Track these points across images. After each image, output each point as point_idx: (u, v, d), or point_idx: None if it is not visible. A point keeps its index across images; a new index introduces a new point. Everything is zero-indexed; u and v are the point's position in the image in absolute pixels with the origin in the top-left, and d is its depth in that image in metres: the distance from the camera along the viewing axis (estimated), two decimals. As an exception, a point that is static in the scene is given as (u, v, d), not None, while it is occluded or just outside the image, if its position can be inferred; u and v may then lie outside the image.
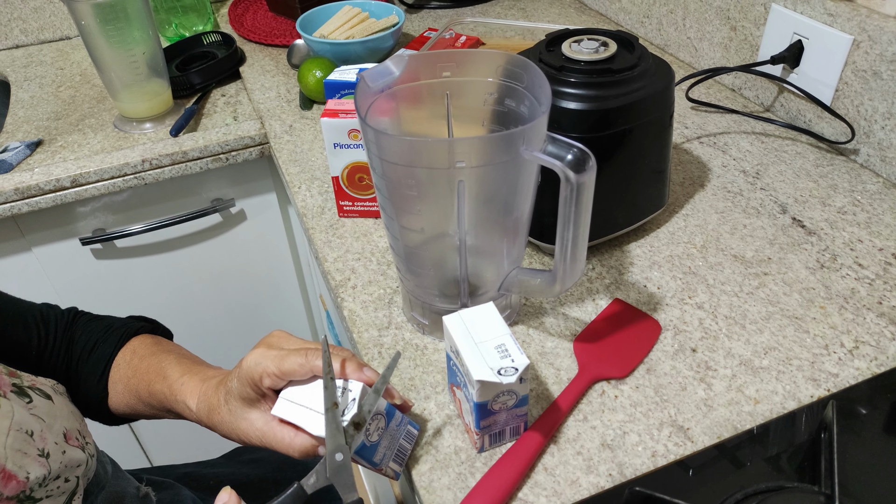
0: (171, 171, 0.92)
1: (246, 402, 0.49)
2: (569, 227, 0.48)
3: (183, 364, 0.57)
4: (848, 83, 0.76)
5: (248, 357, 0.48)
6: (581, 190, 0.46)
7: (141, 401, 0.58)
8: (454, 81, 0.57)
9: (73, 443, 0.52)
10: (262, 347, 0.49)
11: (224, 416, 0.51)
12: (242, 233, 1.05)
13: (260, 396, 0.49)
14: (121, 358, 0.60)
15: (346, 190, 0.72)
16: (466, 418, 0.50)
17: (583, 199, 0.46)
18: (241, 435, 0.50)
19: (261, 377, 0.47)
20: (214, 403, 0.52)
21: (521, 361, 0.46)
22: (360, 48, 0.98)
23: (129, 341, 0.61)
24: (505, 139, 0.45)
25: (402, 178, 0.48)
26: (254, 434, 0.49)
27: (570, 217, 0.47)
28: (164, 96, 0.99)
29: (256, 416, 0.49)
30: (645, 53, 0.63)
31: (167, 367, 0.56)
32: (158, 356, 0.58)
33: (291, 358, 0.47)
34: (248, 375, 0.48)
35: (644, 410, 0.53)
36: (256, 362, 0.47)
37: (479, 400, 0.46)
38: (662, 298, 0.62)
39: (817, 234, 0.68)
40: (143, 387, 0.57)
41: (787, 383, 0.54)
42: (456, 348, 0.47)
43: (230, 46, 1.12)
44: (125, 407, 0.60)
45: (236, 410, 0.50)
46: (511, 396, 0.47)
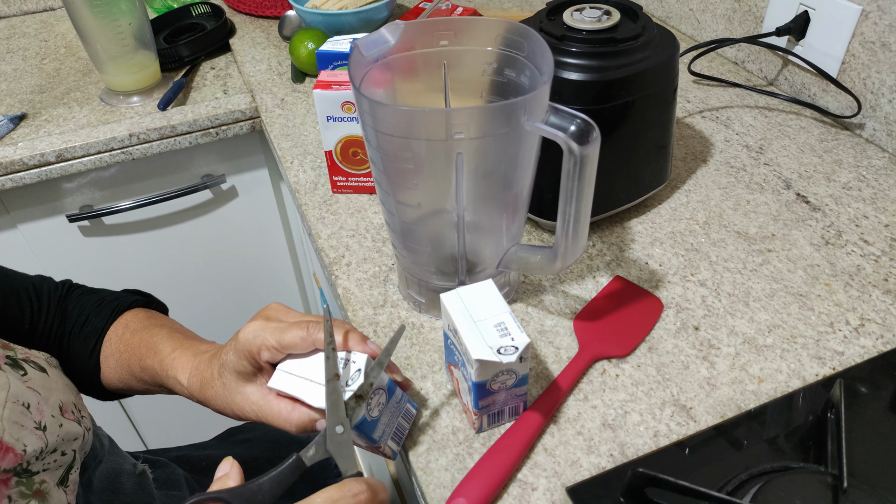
0: (159, 146, 0.89)
1: (241, 376, 0.48)
2: (571, 202, 0.46)
3: (174, 338, 0.55)
4: (855, 55, 0.74)
5: (245, 329, 0.46)
6: (584, 163, 0.44)
7: (133, 376, 0.57)
8: (452, 51, 0.54)
9: (70, 416, 0.51)
10: (260, 320, 0.47)
11: (218, 391, 0.49)
12: (234, 209, 1.03)
13: (256, 370, 0.47)
14: (112, 332, 0.58)
15: (339, 165, 0.70)
16: (464, 398, 0.49)
17: (586, 173, 0.45)
18: (236, 409, 0.49)
19: (259, 350, 0.45)
20: (207, 377, 0.50)
21: (521, 340, 0.44)
22: (354, 19, 0.96)
23: (122, 315, 0.59)
24: (505, 109, 0.43)
25: (398, 151, 0.46)
26: (249, 408, 0.48)
27: (572, 191, 0.46)
28: (151, 69, 0.96)
29: (252, 390, 0.48)
30: (649, 23, 0.61)
31: (158, 341, 0.55)
32: (150, 330, 0.57)
33: (292, 331, 0.45)
34: (245, 348, 0.46)
35: (646, 389, 0.52)
36: (255, 335, 0.45)
37: (478, 379, 0.44)
38: (664, 276, 0.61)
39: (822, 210, 0.67)
40: (134, 362, 0.56)
41: (792, 362, 0.53)
42: (454, 327, 0.46)
43: (219, 18, 1.09)
44: (118, 382, 0.58)
45: (231, 384, 0.48)
46: (510, 376, 0.46)
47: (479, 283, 0.48)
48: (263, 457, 0.84)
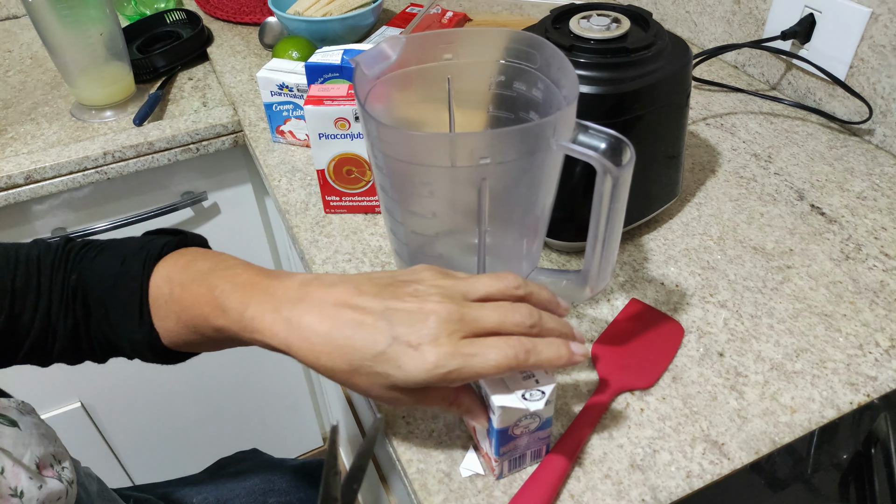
0: (136, 164, 0.84)
1: (399, 389, 0.39)
2: (605, 225, 0.43)
3: (239, 287, 0.42)
4: (864, 59, 0.72)
5: (428, 354, 0.37)
6: (620, 184, 0.41)
7: (204, 336, 0.45)
8: (456, 64, 0.51)
9: (49, 472, 0.46)
10: (445, 338, 0.37)
11: (357, 382, 0.39)
12: (217, 228, 0.98)
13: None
14: (156, 291, 0.46)
15: (332, 184, 0.66)
16: (482, 444, 0.45)
17: (621, 194, 0.41)
18: (375, 398, 0.40)
19: (449, 382, 0.38)
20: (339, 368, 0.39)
21: (547, 383, 0.41)
22: (339, 26, 0.91)
23: (157, 267, 0.47)
24: (534, 130, 0.40)
25: (415, 178, 0.42)
26: (397, 403, 0.40)
27: (606, 213, 0.42)
28: (125, 81, 0.91)
29: (407, 394, 0.39)
30: (661, 31, 0.57)
31: (222, 297, 0.42)
32: (202, 282, 0.44)
33: (493, 357, 0.37)
34: (427, 380, 0.37)
35: (674, 425, 0.48)
36: (446, 369, 0.37)
37: (500, 426, 0.41)
38: (682, 297, 0.58)
39: (838, 222, 0.64)
40: (200, 321, 0.44)
41: (824, 389, 0.50)
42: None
43: (196, 25, 1.03)
44: (185, 343, 0.47)
45: (377, 385, 0.39)
46: (534, 420, 0.42)
47: None
48: (258, 489, 0.80)
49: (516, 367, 0.38)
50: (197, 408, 1.16)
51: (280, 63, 0.76)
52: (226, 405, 1.19)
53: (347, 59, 0.67)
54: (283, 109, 0.76)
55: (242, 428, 1.25)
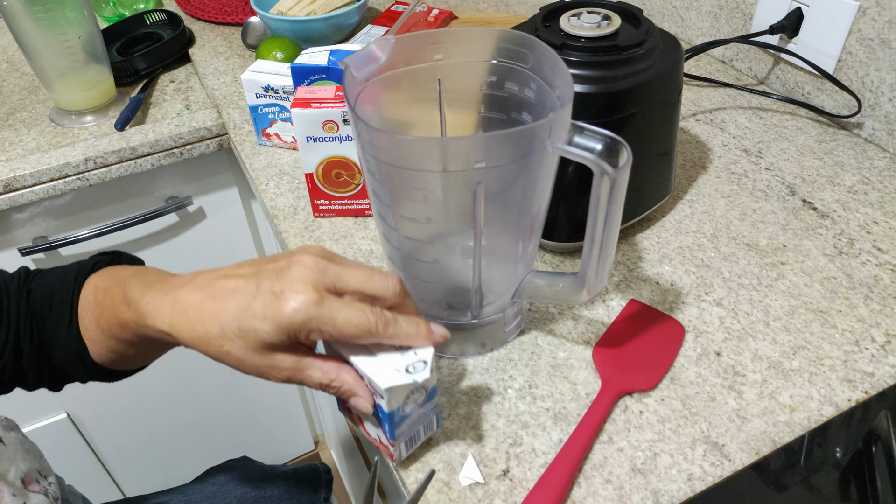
0: (118, 170, 0.82)
1: (271, 346, 0.38)
2: (602, 227, 0.42)
3: (144, 282, 0.44)
4: (852, 53, 0.72)
5: (290, 302, 0.37)
6: (618, 185, 0.40)
7: (118, 339, 0.46)
8: (447, 65, 0.50)
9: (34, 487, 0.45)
10: (308, 288, 0.37)
11: (231, 350, 0.38)
12: (202, 232, 0.97)
13: (296, 343, 0.39)
14: (84, 300, 0.48)
15: (321, 188, 0.65)
16: (371, 431, 0.45)
17: (619, 195, 0.41)
18: (254, 371, 0.40)
19: (307, 333, 0.38)
20: (213, 334, 0.38)
21: (424, 351, 0.41)
22: (324, 25, 0.90)
23: (89, 279, 0.49)
24: (530, 133, 0.39)
25: (408, 183, 0.41)
26: (277, 373, 0.39)
27: (604, 215, 0.42)
28: (105, 85, 0.89)
29: (282, 357, 0.39)
30: (652, 28, 0.57)
31: (129, 291, 0.44)
32: (120, 283, 0.46)
33: (354, 316, 0.37)
34: (288, 325, 0.37)
35: (673, 427, 0.48)
36: (306, 315, 0.37)
37: (391, 409, 0.40)
38: (678, 296, 0.58)
39: (830, 216, 0.64)
40: (112, 321, 0.45)
41: (822, 386, 0.50)
42: (347, 358, 0.41)
43: (177, 26, 1.01)
44: (108, 352, 0.48)
45: (253, 350, 0.38)
46: (422, 392, 0.42)
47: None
48: (249, 497, 0.79)
49: (374, 336, 0.38)
50: (185, 415, 1.14)
51: (264, 64, 0.74)
52: (214, 412, 1.18)
53: (334, 60, 0.66)
54: (269, 112, 0.75)
55: (232, 434, 1.24)
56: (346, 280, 0.39)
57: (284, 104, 0.73)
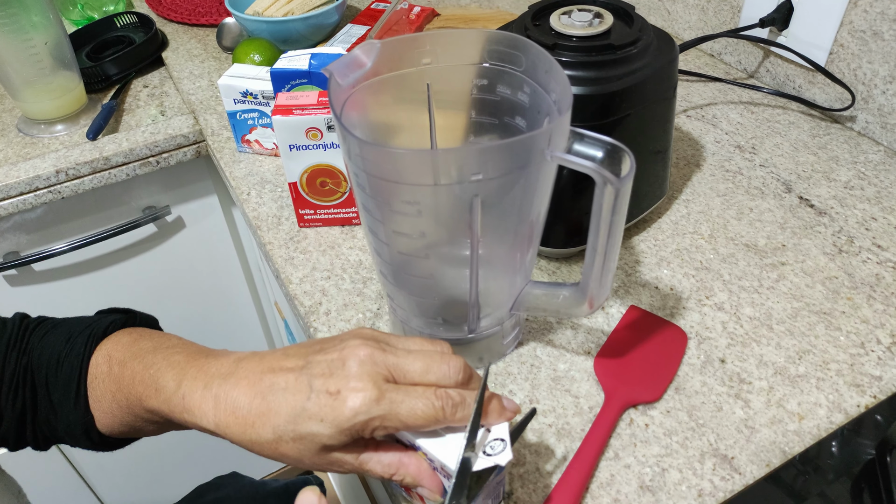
0: (91, 182, 0.79)
1: (329, 448, 0.36)
2: (604, 237, 0.40)
3: (174, 364, 0.41)
4: (844, 45, 0.70)
5: (350, 401, 0.34)
6: (622, 194, 0.38)
7: (139, 418, 0.43)
8: (436, 68, 0.47)
9: None
10: (366, 383, 0.35)
11: (286, 452, 0.36)
12: (182, 242, 0.93)
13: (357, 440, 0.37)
14: (95, 370, 0.44)
15: (306, 197, 0.62)
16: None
17: (621, 205, 0.39)
18: (311, 467, 0.37)
19: (371, 430, 0.35)
20: (266, 438, 0.36)
21: (499, 428, 0.37)
22: (302, 26, 0.87)
23: (100, 345, 0.45)
24: (528, 143, 0.37)
25: (401, 197, 0.39)
26: (336, 469, 0.37)
27: (606, 226, 0.40)
28: (75, 92, 0.85)
29: (344, 453, 0.36)
30: (645, 25, 0.55)
31: (157, 374, 0.41)
32: (141, 359, 0.43)
33: (418, 405, 0.35)
34: (349, 426, 0.35)
35: (680, 440, 0.46)
36: (367, 412, 0.34)
37: None
38: (678, 301, 0.56)
39: (828, 213, 0.63)
40: (134, 402, 0.42)
41: (830, 392, 0.49)
42: (414, 443, 0.37)
43: (149, 28, 0.98)
44: (121, 426, 0.45)
45: (310, 451, 0.36)
46: (496, 469, 0.37)
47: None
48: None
49: (443, 422, 0.36)
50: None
51: (242, 69, 0.71)
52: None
53: (316, 64, 0.63)
54: (248, 118, 0.72)
55: (220, 448, 1.21)
56: (404, 372, 0.36)
57: (264, 110, 0.71)
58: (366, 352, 0.36)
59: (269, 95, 0.69)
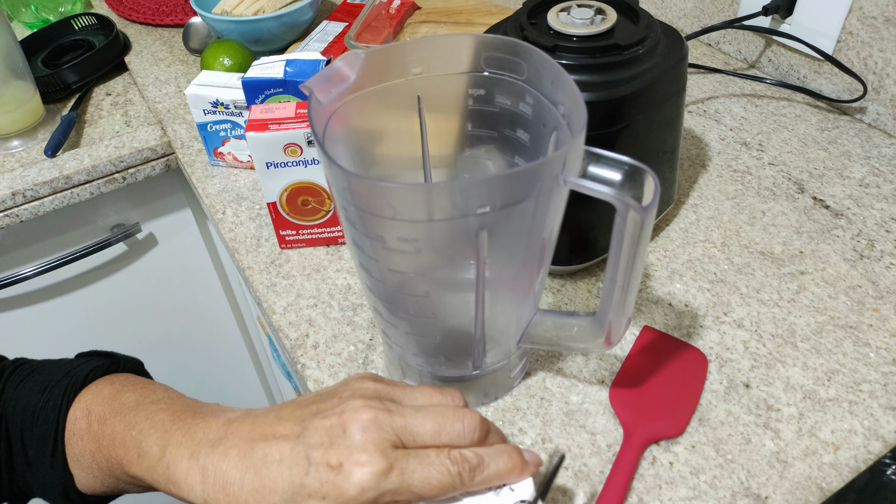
0: (52, 203, 0.73)
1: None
2: (623, 269, 0.36)
3: (158, 428, 0.37)
4: (853, 33, 0.66)
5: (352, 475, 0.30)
6: (645, 224, 0.34)
7: (121, 481, 0.40)
8: (427, 78, 0.43)
9: None
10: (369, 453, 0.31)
11: None
12: (155, 260, 0.88)
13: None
14: (73, 426, 0.41)
15: (287, 217, 0.57)
16: None
17: (644, 234, 0.34)
18: None
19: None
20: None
21: (523, 486, 0.34)
22: (275, 25, 0.81)
23: (79, 397, 0.41)
24: (539, 170, 0.32)
25: (396, 233, 0.34)
26: None
27: (628, 257, 0.35)
28: (31, 104, 0.79)
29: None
30: (651, 21, 0.50)
31: (140, 438, 0.37)
32: (123, 417, 0.39)
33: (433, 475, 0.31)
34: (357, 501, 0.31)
35: (709, 479, 0.43)
36: (376, 487, 0.31)
37: None
38: (694, 319, 0.52)
39: (845, 215, 0.59)
40: (115, 465, 0.39)
41: (864, 417, 0.45)
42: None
43: (109, 31, 0.91)
44: (103, 486, 0.41)
45: None
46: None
47: None
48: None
49: (460, 488, 0.32)
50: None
51: (210, 76, 0.66)
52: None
53: (292, 71, 0.58)
54: (220, 129, 0.66)
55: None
56: (414, 435, 0.33)
57: (237, 120, 0.65)
58: (369, 415, 0.32)
59: (241, 105, 0.64)
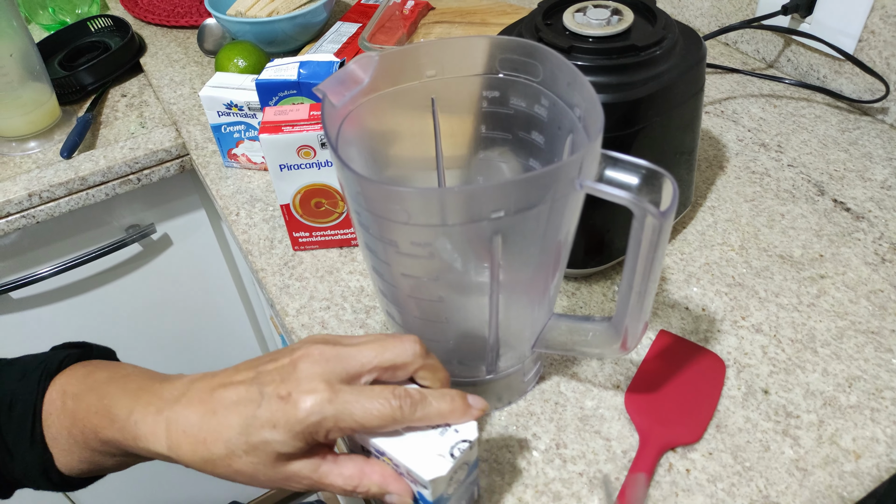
0: (68, 204, 0.73)
1: (287, 456, 0.35)
2: (640, 275, 0.36)
3: (128, 393, 0.40)
4: (875, 32, 0.65)
5: (301, 403, 0.33)
6: (663, 229, 0.33)
7: (96, 451, 0.42)
8: (441, 80, 0.42)
9: None
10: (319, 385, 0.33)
11: (241, 468, 0.35)
12: (169, 260, 0.88)
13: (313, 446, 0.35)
14: (50, 407, 0.42)
15: (300, 219, 0.57)
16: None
17: (662, 240, 0.34)
18: (269, 485, 0.36)
19: (325, 432, 0.34)
20: (219, 454, 0.35)
21: (467, 427, 0.35)
22: (289, 26, 0.81)
23: (54, 381, 0.43)
24: (555, 174, 0.32)
25: (410, 238, 0.34)
26: (294, 484, 0.36)
27: (645, 263, 0.35)
28: (47, 105, 0.80)
29: (300, 465, 0.35)
30: (669, 22, 0.50)
31: (111, 404, 0.39)
32: (97, 390, 0.41)
33: (374, 404, 0.33)
34: (302, 429, 0.33)
35: (726, 487, 0.42)
36: (319, 412, 0.33)
37: (436, 497, 0.35)
38: (712, 323, 0.51)
39: (866, 218, 0.58)
40: (90, 436, 0.41)
41: (887, 425, 0.44)
42: (377, 448, 0.35)
43: (125, 33, 0.92)
44: (80, 463, 0.43)
45: (266, 464, 0.34)
46: (464, 469, 0.36)
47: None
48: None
49: (402, 422, 0.34)
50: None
51: (225, 78, 0.66)
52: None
53: (305, 73, 0.58)
54: (234, 131, 0.66)
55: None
56: (359, 359, 0.35)
57: (251, 122, 0.65)
58: (316, 350, 0.35)
59: (255, 107, 0.64)
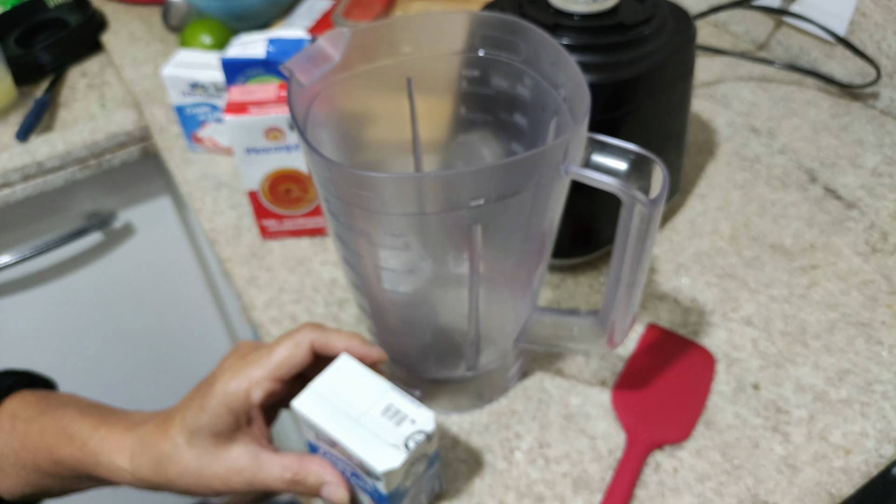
0: (24, 190, 0.69)
1: (222, 439, 0.36)
2: (629, 265, 0.33)
3: (90, 415, 0.41)
4: (866, 14, 0.63)
5: (219, 376, 0.36)
6: (652, 218, 0.31)
7: (45, 474, 0.42)
8: (418, 59, 0.39)
9: None
10: (234, 359, 0.37)
11: (187, 465, 0.36)
12: (132, 249, 0.84)
13: (243, 423, 0.36)
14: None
15: (269, 206, 0.54)
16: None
17: (652, 228, 0.32)
18: (217, 483, 0.37)
19: (246, 393, 0.35)
20: (166, 452, 0.37)
21: (424, 419, 0.34)
22: (258, 1, 0.77)
23: (3, 404, 0.44)
24: (538, 159, 0.29)
25: (384, 228, 0.31)
26: (237, 478, 0.36)
27: (633, 252, 0.33)
28: (2, 86, 0.75)
29: (239, 452, 0.36)
30: (658, 0, 0.47)
31: (69, 424, 0.41)
32: (52, 414, 0.42)
33: (278, 348, 0.36)
34: (224, 400, 0.35)
35: (715, 486, 0.40)
36: (234, 376, 0.36)
37: (390, 490, 0.33)
38: (701, 315, 0.49)
39: (857, 206, 0.57)
40: (42, 456, 0.41)
41: (876, 419, 0.43)
42: (330, 437, 0.34)
43: (85, 9, 0.87)
44: (24, 486, 0.43)
45: (208, 453, 0.36)
46: (422, 461, 0.35)
47: (333, 366, 0.36)
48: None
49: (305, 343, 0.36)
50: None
51: (189, 55, 0.62)
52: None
53: (274, 51, 0.54)
54: (199, 112, 0.63)
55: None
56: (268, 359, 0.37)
57: (217, 102, 0.62)
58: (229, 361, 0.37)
59: (221, 87, 0.60)
